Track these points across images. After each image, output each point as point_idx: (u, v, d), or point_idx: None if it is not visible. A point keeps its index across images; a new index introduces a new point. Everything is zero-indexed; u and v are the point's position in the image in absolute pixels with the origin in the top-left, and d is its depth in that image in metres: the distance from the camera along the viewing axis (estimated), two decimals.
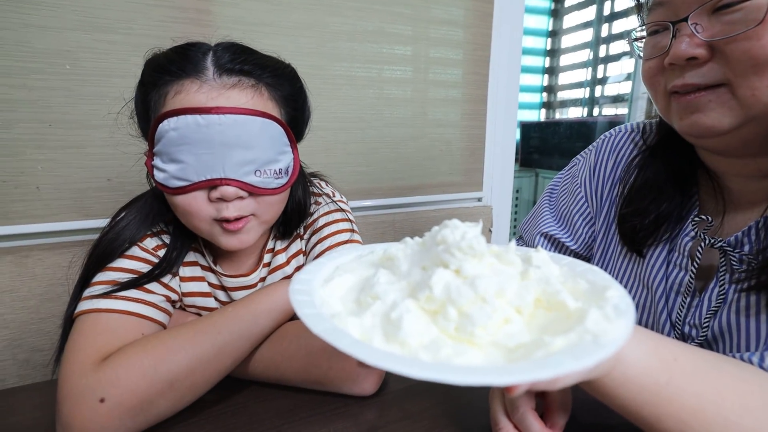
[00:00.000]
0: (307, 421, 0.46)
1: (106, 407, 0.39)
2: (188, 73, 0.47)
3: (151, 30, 0.83)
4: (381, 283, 0.25)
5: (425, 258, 0.26)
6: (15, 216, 0.79)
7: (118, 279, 0.49)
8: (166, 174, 0.47)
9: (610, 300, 0.23)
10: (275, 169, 0.50)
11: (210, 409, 0.47)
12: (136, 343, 0.44)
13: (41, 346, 0.80)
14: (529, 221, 0.67)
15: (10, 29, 0.74)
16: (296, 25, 0.96)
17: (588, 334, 0.20)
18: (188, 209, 0.49)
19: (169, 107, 0.47)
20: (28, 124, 0.77)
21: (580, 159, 0.64)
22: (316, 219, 0.63)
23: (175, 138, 0.46)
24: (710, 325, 0.46)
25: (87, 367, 0.41)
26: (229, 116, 0.46)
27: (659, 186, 0.52)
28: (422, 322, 0.22)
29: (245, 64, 0.49)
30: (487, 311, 0.22)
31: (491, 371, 0.19)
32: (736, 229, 0.45)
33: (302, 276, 0.28)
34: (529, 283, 0.24)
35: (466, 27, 1.17)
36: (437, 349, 0.21)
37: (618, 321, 0.21)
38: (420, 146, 1.18)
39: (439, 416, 0.46)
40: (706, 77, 0.39)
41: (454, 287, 0.23)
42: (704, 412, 0.30)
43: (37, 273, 0.78)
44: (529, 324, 0.23)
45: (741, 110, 0.39)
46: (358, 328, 0.22)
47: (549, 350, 0.20)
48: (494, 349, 0.21)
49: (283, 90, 0.52)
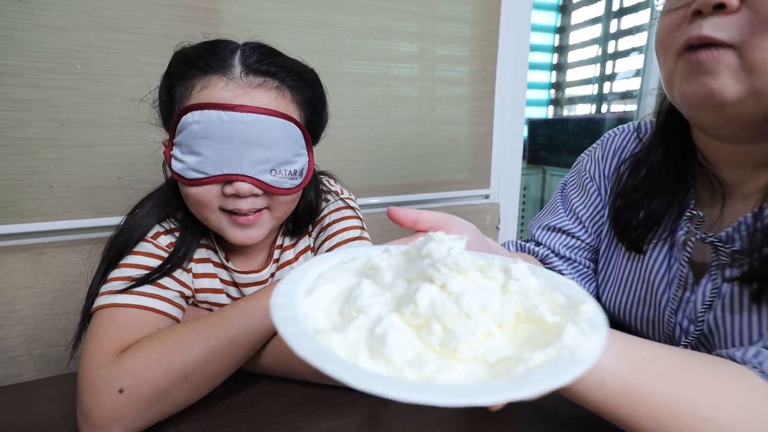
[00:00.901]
0: (316, 414, 0.46)
1: (125, 397, 0.40)
2: (215, 69, 0.48)
3: (159, 29, 0.84)
4: (365, 296, 0.26)
5: (410, 270, 0.27)
6: (29, 214, 0.80)
7: (133, 275, 0.50)
8: (183, 165, 0.48)
9: (585, 314, 0.24)
10: (290, 170, 0.51)
11: (222, 402, 0.48)
12: (153, 336, 0.45)
13: (56, 341, 0.81)
14: (540, 217, 0.67)
15: (23, 30, 0.75)
16: (304, 23, 0.97)
17: (565, 350, 0.21)
18: (201, 200, 0.50)
19: (194, 100, 0.48)
20: (40, 124, 0.79)
21: (585, 156, 0.65)
22: (324, 216, 0.64)
23: (197, 131, 0.47)
24: (705, 319, 0.46)
25: (106, 360, 0.42)
26: (251, 115, 0.47)
27: (652, 181, 0.52)
28: (407, 336, 0.23)
29: (271, 65, 0.50)
30: (470, 327, 0.23)
31: (475, 391, 0.20)
32: (730, 223, 0.45)
33: (284, 287, 0.27)
34: (510, 297, 0.25)
35: (473, 24, 1.17)
36: (422, 365, 0.21)
37: (593, 336, 0.22)
38: (427, 143, 1.18)
39: (446, 409, 0.46)
40: (723, 31, 0.37)
41: (439, 303, 0.24)
42: (677, 410, 0.30)
43: (51, 270, 0.80)
44: (509, 338, 0.24)
45: (748, 78, 0.36)
46: (342, 344, 0.22)
47: (528, 365, 0.21)
48: (477, 364, 0.22)
49: (305, 93, 0.54)
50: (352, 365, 0.21)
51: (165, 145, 0.52)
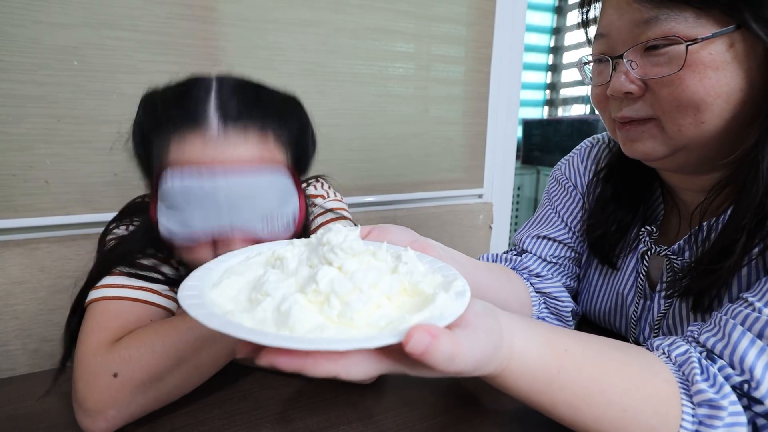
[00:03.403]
0: (309, 407, 0.47)
1: (119, 382, 0.41)
2: (190, 125, 0.45)
3: (156, 27, 0.85)
4: (271, 281, 0.28)
5: (312, 257, 0.30)
6: (24, 209, 0.81)
7: (128, 284, 0.50)
8: (171, 225, 0.46)
9: (455, 288, 0.29)
10: (283, 219, 0.49)
11: (215, 394, 0.49)
12: (147, 326, 0.46)
13: (51, 336, 0.82)
14: (529, 228, 0.66)
15: (20, 26, 0.75)
16: (299, 21, 0.97)
17: (437, 310, 0.26)
18: (192, 258, 0.49)
19: (172, 158, 0.45)
20: (37, 119, 0.79)
21: (563, 164, 0.66)
22: (311, 220, 0.63)
23: (180, 190, 0.44)
24: (660, 327, 0.50)
25: (101, 347, 0.43)
26: (234, 171, 0.44)
27: (618, 199, 0.56)
28: (309, 311, 0.26)
29: (251, 109, 0.47)
30: (363, 299, 0.26)
31: (364, 339, 0.24)
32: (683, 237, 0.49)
33: (190, 282, 0.29)
34: (398, 276, 0.29)
35: (469, 24, 1.18)
36: (321, 332, 0.24)
37: (458, 301, 0.27)
38: (421, 143, 1.19)
39: (435, 403, 0.48)
40: (639, 112, 0.43)
41: (337, 281, 0.27)
42: (592, 397, 0.33)
43: (45, 265, 0.80)
44: (396, 308, 0.28)
45: (670, 141, 0.42)
46: (250, 321, 0.25)
47: (409, 323, 0.25)
48: (369, 329, 0.26)
49: (290, 131, 0.51)
50: (259, 330, 0.24)
51: (150, 201, 0.48)
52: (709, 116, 0.39)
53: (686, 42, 0.38)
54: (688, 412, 0.33)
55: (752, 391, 0.33)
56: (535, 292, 0.59)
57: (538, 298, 0.59)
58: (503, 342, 0.30)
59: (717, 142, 0.41)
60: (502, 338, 0.30)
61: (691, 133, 0.40)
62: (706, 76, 0.38)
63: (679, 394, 0.34)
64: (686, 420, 0.33)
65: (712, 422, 0.32)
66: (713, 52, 0.38)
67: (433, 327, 0.24)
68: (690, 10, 0.37)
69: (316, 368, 0.24)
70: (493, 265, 0.59)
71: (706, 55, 0.38)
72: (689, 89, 0.38)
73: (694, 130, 0.40)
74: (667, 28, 0.38)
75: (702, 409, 0.33)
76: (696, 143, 0.41)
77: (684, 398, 0.34)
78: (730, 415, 0.32)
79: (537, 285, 0.59)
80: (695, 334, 0.39)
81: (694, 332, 0.39)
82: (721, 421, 0.32)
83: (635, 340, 0.55)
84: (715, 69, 0.38)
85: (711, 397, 0.33)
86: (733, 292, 0.43)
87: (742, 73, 0.38)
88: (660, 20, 0.38)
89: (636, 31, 0.40)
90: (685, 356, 0.36)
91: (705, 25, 0.37)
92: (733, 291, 0.43)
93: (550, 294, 0.59)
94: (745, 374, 0.34)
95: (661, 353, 0.38)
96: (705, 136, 0.40)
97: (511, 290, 0.55)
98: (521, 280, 0.59)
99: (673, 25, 0.38)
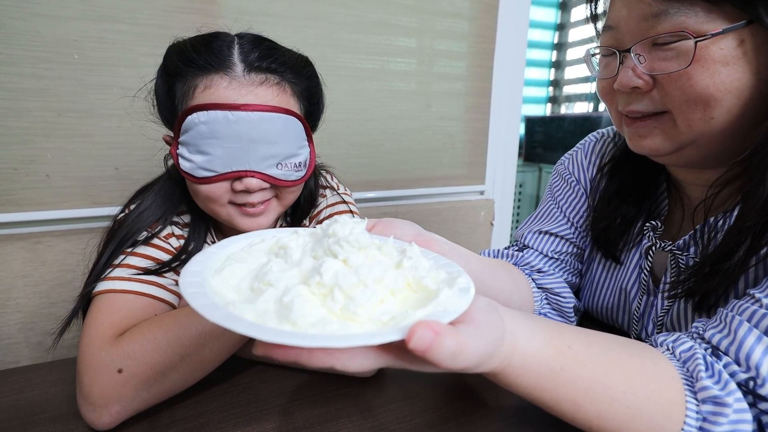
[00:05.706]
0: (309, 400, 0.47)
1: (123, 377, 0.42)
2: (216, 68, 0.48)
3: (156, 20, 0.84)
4: (274, 271, 0.28)
5: (317, 248, 0.30)
6: (26, 203, 0.81)
7: (137, 264, 0.51)
8: (192, 164, 0.49)
9: (459, 284, 0.29)
10: (295, 163, 0.53)
11: (217, 387, 0.49)
12: (151, 320, 0.46)
13: (53, 330, 0.80)
14: (531, 223, 0.66)
15: (19, 19, 0.75)
16: (301, 15, 0.97)
17: (440, 306, 0.26)
18: (211, 197, 0.51)
19: (198, 100, 0.48)
20: (37, 113, 0.79)
21: (567, 159, 0.66)
22: (321, 210, 0.66)
23: (204, 131, 0.48)
24: (664, 322, 0.50)
25: (106, 341, 0.44)
26: (257, 113, 0.48)
27: (623, 193, 0.55)
28: (312, 304, 0.26)
29: (272, 62, 0.51)
30: (367, 294, 0.26)
31: (366, 336, 0.23)
32: (688, 232, 0.48)
33: (191, 268, 0.28)
34: (403, 271, 0.29)
35: (471, 19, 1.17)
36: (324, 326, 0.24)
37: (462, 297, 0.27)
38: (423, 138, 1.18)
39: (436, 397, 0.48)
40: (648, 106, 0.42)
41: (342, 274, 0.27)
42: (595, 394, 0.33)
43: (47, 259, 0.80)
44: (400, 303, 0.28)
45: (680, 137, 0.42)
46: (252, 312, 0.24)
47: (412, 319, 0.24)
48: (371, 324, 0.25)
49: (302, 85, 0.55)
50: (260, 325, 0.23)
51: (166, 141, 0.53)
52: (718, 112, 0.39)
53: (695, 38, 0.37)
54: (692, 408, 0.33)
55: (758, 388, 0.33)
56: (537, 288, 0.59)
57: (540, 293, 0.58)
58: (506, 339, 0.30)
59: (725, 138, 0.41)
60: (504, 335, 0.30)
61: (700, 129, 0.40)
62: (716, 71, 0.37)
63: (683, 391, 0.34)
64: (690, 417, 0.33)
65: (716, 419, 0.32)
66: (723, 48, 0.37)
67: (436, 323, 0.24)
68: (701, 4, 0.37)
69: (311, 360, 0.24)
70: (494, 260, 0.59)
71: (716, 51, 0.37)
72: (699, 84, 0.38)
73: (703, 126, 0.40)
74: (676, 23, 0.38)
75: (706, 406, 0.33)
76: (704, 139, 0.41)
77: (688, 395, 0.34)
78: (735, 412, 0.32)
79: (538, 281, 0.59)
80: (700, 330, 0.39)
81: (699, 328, 0.39)
82: (725, 418, 0.32)
83: (638, 336, 0.54)
84: (725, 64, 0.37)
85: (715, 393, 0.33)
86: (739, 290, 0.42)
87: (753, 69, 0.37)
88: (670, 14, 0.38)
89: (645, 25, 0.40)
90: (690, 353, 0.36)
91: (716, 20, 0.37)
92: (740, 288, 0.42)
93: (552, 290, 0.58)
94: (751, 371, 0.33)
95: (665, 350, 0.38)
96: (713, 132, 0.40)
97: (513, 286, 0.55)
98: (523, 275, 0.59)
99: (683, 20, 0.37)
